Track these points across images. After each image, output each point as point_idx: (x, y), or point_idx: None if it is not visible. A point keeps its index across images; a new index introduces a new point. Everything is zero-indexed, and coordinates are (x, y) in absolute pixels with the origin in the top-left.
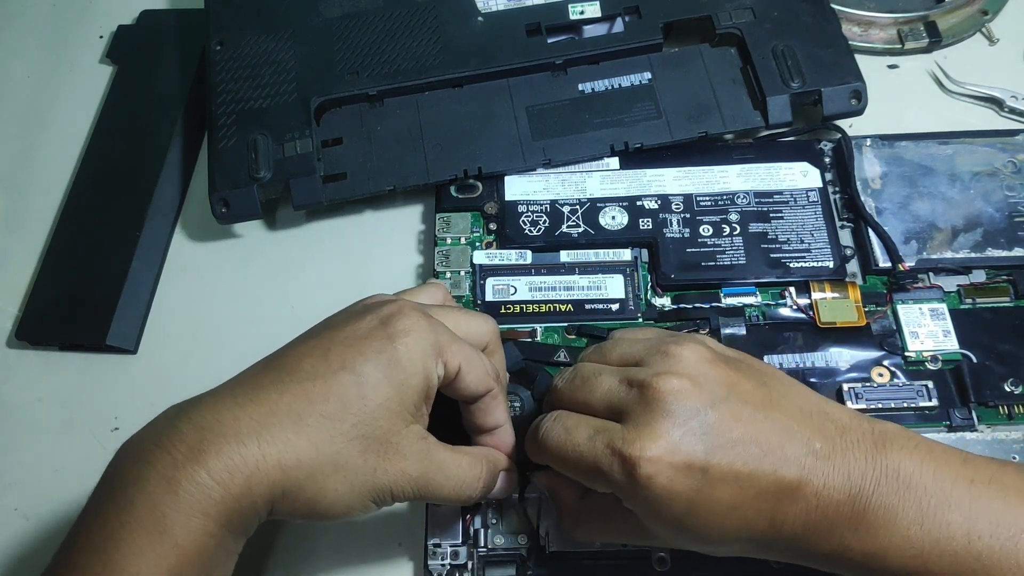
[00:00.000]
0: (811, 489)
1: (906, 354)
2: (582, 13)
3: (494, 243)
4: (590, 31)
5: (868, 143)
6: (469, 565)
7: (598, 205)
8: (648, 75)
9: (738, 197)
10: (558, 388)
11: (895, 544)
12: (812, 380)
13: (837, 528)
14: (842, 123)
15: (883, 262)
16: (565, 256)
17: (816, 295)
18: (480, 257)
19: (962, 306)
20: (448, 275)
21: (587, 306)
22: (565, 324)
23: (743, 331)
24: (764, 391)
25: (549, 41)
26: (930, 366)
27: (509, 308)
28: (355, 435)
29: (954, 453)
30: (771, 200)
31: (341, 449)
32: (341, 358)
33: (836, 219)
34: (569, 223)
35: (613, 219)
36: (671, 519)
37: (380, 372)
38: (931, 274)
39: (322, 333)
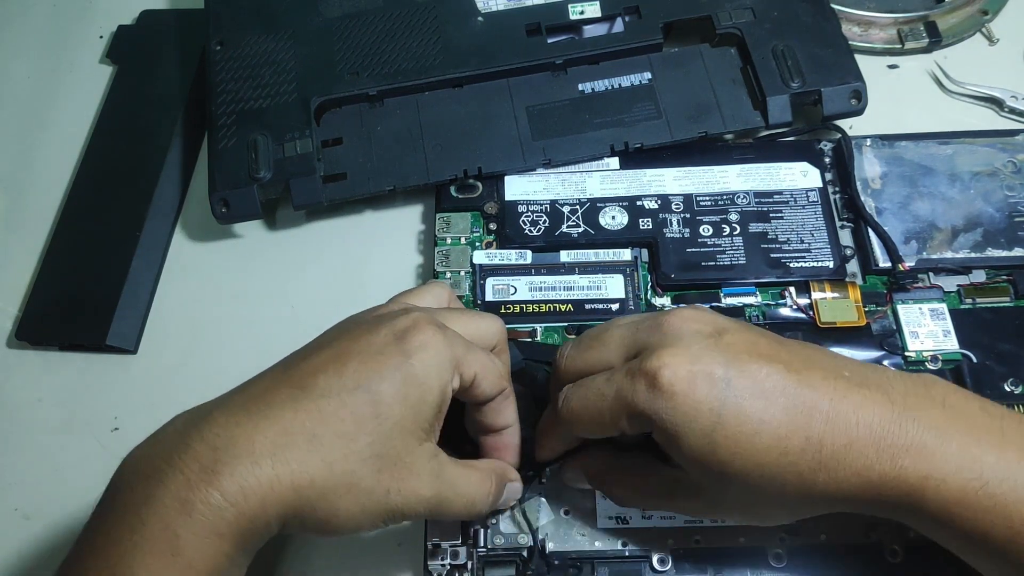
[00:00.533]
0: (848, 407)
1: (906, 354)
2: (582, 13)
3: (494, 243)
4: (590, 31)
5: (868, 143)
6: (469, 565)
7: (598, 205)
8: (648, 75)
9: (738, 197)
10: (567, 356)
11: (951, 466)
12: None
13: (887, 446)
14: (842, 123)
15: (883, 262)
16: (565, 256)
17: (816, 295)
18: (480, 257)
19: (962, 306)
20: (448, 275)
21: (587, 306)
22: (565, 324)
23: None
24: (779, 338)
25: (549, 41)
26: (930, 366)
27: (509, 308)
28: (369, 455)
29: (990, 402)
30: (771, 200)
31: (355, 469)
32: (356, 375)
33: (836, 219)
34: (569, 223)
35: (613, 219)
36: (701, 437)
37: (396, 391)
38: (931, 274)
39: (335, 344)
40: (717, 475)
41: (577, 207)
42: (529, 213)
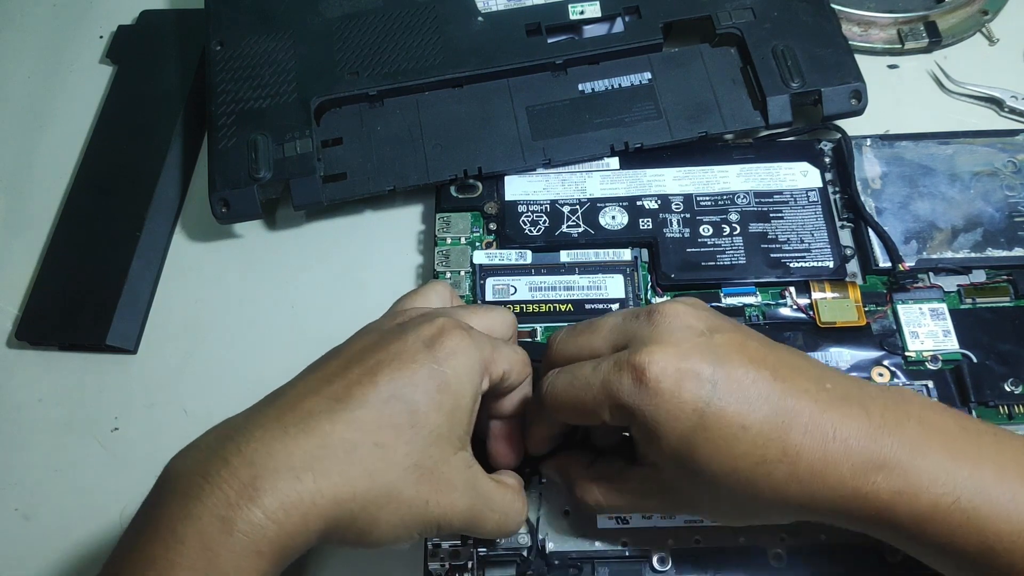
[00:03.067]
0: (827, 420)
1: (906, 354)
2: (582, 13)
3: (494, 243)
4: (590, 31)
5: (868, 143)
6: (469, 565)
7: (598, 205)
8: (648, 75)
9: (738, 197)
10: (559, 339)
11: (925, 481)
12: None
13: (860, 465)
14: (842, 123)
15: (883, 262)
16: (565, 256)
17: (816, 295)
18: (480, 257)
19: (962, 306)
20: (448, 275)
21: (587, 306)
22: (565, 324)
23: None
24: (769, 341)
25: (549, 41)
26: (930, 366)
27: (509, 308)
28: (408, 464)
29: (972, 416)
30: (771, 200)
31: (395, 480)
32: (391, 385)
33: (836, 219)
34: (569, 223)
35: (613, 219)
36: (681, 436)
37: (430, 399)
38: (931, 274)
39: (364, 356)
40: (691, 476)
41: (577, 207)
42: (529, 213)
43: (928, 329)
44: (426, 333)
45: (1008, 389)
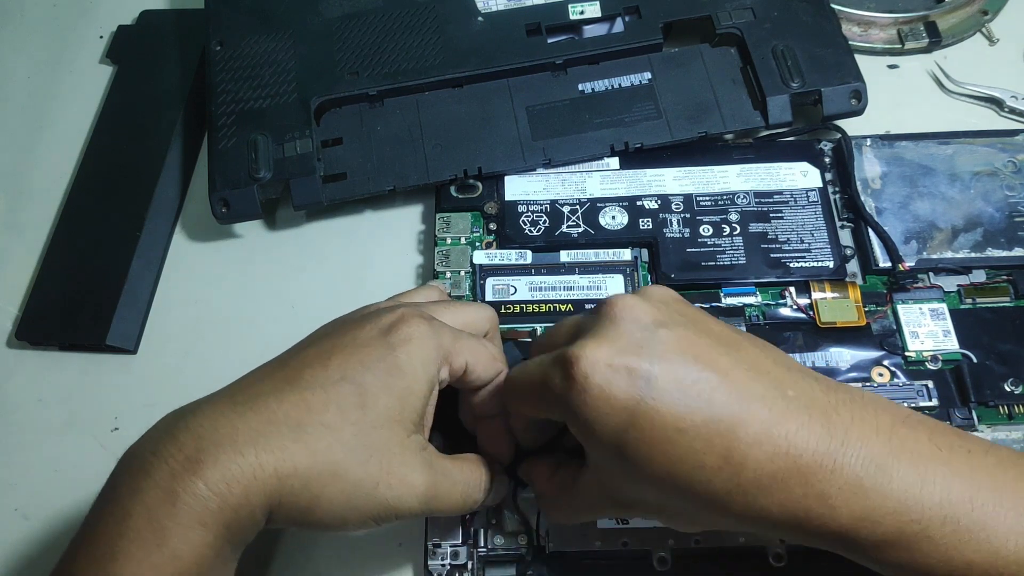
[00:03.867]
0: (780, 431)
1: (906, 354)
2: (582, 13)
3: (494, 243)
4: (590, 31)
5: (868, 143)
6: (469, 565)
7: (598, 205)
8: (648, 75)
9: (738, 197)
10: (535, 340)
11: (890, 506)
12: None
13: (817, 483)
14: (842, 123)
15: (883, 262)
16: (565, 256)
17: (816, 295)
18: (480, 257)
19: (962, 306)
20: (448, 275)
21: (587, 306)
22: None
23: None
24: (734, 335)
25: (549, 41)
26: (930, 366)
27: (509, 308)
28: (355, 445)
29: (947, 426)
30: (771, 200)
31: (340, 459)
32: (342, 367)
33: (836, 219)
34: (569, 223)
35: (613, 219)
36: (612, 435)
37: (380, 381)
38: (931, 274)
39: (322, 342)
40: (630, 477)
41: (577, 207)
42: (529, 213)
43: (928, 329)
44: (385, 321)
45: (1008, 389)
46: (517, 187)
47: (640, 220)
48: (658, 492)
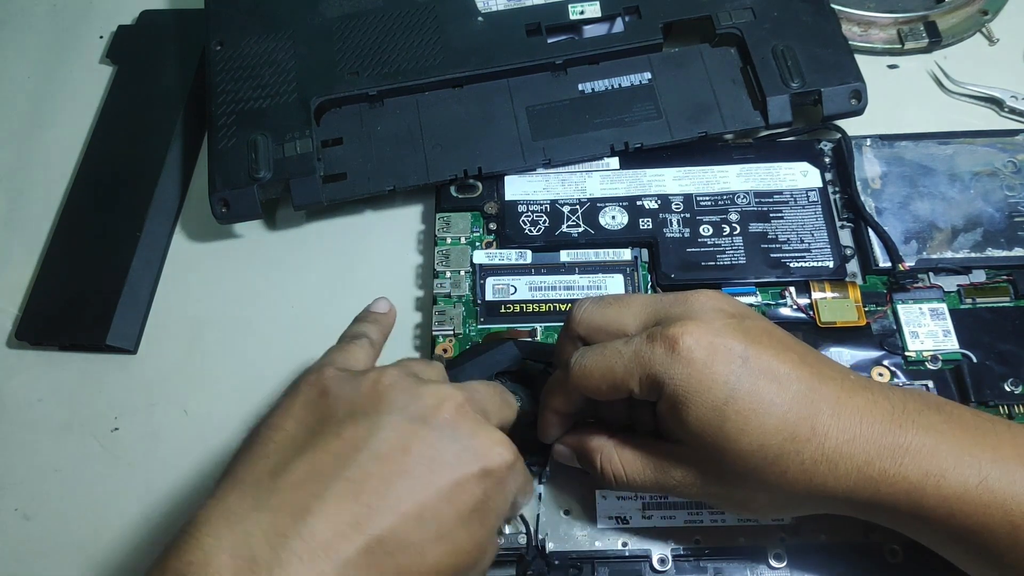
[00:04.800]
0: (854, 404)
1: (906, 354)
2: (582, 13)
3: (494, 243)
4: (590, 31)
5: (868, 143)
6: None
7: (598, 205)
8: (648, 75)
9: (738, 197)
10: (585, 309)
11: (951, 463)
12: None
13: (887, 447)
14: (842, 123)
15: (883, 262)
16: (565, 256)
17: (816, 295)
18: (480, 257)
19: (962, 306)
20: (448, 275)
21: None
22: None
23: None
24: (791, 334)
25: (549, 41)
26: (930, 366)
27: (509, 308)
28: None
29: (981, 411)
30: (771, 200)
31: None
32: (437, 517)
33: (836, 219)
34: (569, 223)
35: (613, 219)
36: (711, 408)
37: (471, 535)
38: (931, 274)
39: (411, 468)
40: (719, 451)
41: (577, 207)
42: (529, 213)
43: (928, 329)
44: (486, 463)
45: (1008, 389)
46: (517, 187)
47: (640, 220)
48: (743, 469)
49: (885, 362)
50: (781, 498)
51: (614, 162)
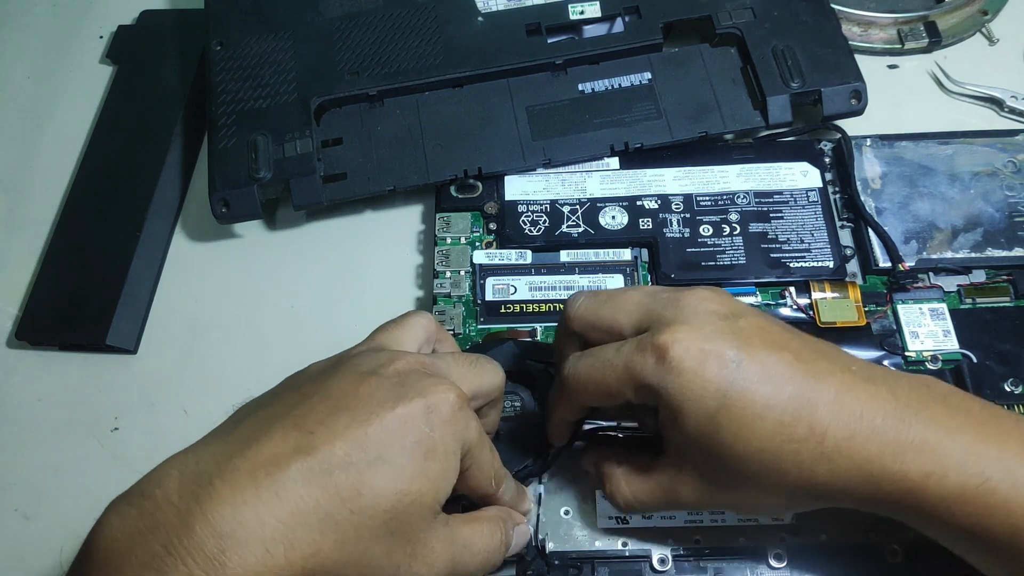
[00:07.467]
0: (853, 400)
1: (906, 354)
2: (582, 13)
3: (494, 243)
4: (590, 31)
5: (868, 143)
6: None
7: (598, 205)
8: (648, 75)
9: (738, 197)
10: (579, 305)
11: (954, 461)
12: None
13: (890, 441)
14: (842, 123)
15: (883, 262)
16: (565, 256)
17: (816, 295)
18: (480, 257)
19: (962, 306)
20: (448, 275)
21: None
22: None
23: None
24: (792, 328)
25: (549, 41)
26: (930, 366)
27: (509, 308)
28: (384, 532)
29: (990, 403)
30: (771, 200)
31: (367, 548)
32: (379, 446)
33: (836, 219)
34: (569, 223)
35: (613, 219)
36: (705, 416)
37: (418, 467)
38: (931, 274)
39: (353, 404)
40: (719, 458)
41: (577, 207)
42: (529, 213)
43: (928, 329)
44: (430, 400)
45: (1008, 389)
46: (517, 187)
47: (640, 220)
48: (743, 473)
49: (885, 362)
50: (786, 498)
51: (614, 162)
